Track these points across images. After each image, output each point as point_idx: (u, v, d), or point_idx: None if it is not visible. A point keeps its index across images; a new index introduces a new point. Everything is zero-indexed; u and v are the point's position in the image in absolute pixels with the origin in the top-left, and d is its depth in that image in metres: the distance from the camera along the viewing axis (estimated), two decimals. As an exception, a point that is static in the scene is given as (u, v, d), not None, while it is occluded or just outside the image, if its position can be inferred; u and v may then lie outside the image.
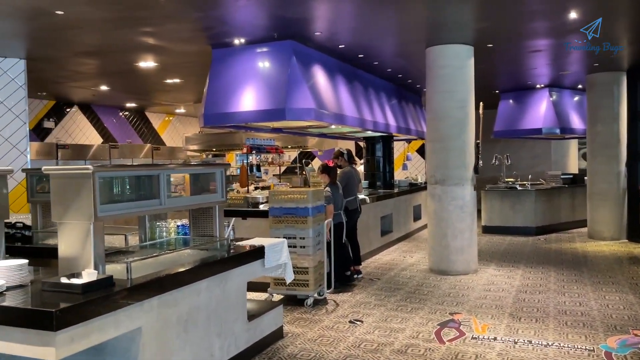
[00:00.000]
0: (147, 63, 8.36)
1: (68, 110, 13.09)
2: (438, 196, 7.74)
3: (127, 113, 14.68)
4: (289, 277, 4.97)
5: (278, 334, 4.90)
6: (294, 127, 8.91)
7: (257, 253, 4.52)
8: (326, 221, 6.35)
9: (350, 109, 8.35)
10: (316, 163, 17.26)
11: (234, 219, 4.72)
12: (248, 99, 6.97)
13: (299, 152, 16.97)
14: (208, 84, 7.24)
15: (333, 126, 8.63)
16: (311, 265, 5.94)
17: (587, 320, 5.32)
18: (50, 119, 12.67)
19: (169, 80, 10.05)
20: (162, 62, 8.34)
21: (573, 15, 6.17)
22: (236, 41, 6.98)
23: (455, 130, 7.60)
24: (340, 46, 7.52)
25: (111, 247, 4.48)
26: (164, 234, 4.68)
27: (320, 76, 7.57)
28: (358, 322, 5.40)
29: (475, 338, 4.90)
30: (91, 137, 13.58)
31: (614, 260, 8.48)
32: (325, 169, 6.96)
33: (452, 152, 7.61)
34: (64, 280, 3.06)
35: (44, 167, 3.31)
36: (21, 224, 5.14)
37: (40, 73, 8.89)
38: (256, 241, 4.79)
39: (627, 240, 10.08)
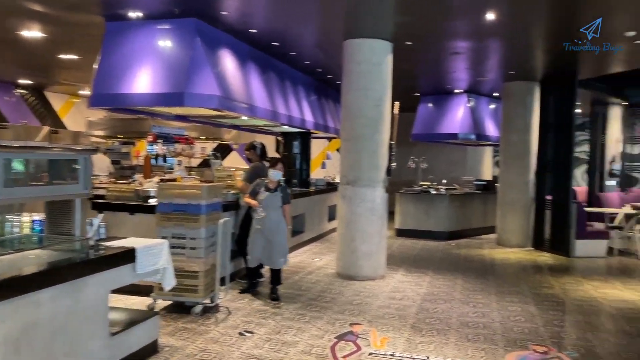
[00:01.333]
0: (33, 33, 7.35)
1: (-52, 82, 11.58)
2: (349, 197, 7.37)
3: (23, 91, 13.25)
4: (168, 284, 4.34)
5: (151, 349, 4.26)
6: (200, 116, 8.22)
7: (126, 256, 3.86)
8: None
9: (262, 100, 7.80)
10: (233, 157, 16.61)
11: (101, 214, 4.02)
12: (143, 81, 6.23)
13: (216, 144, 16.22)
14: (99, 61, 6.43)
15: (244, 117, 8.04)
16: (202, 269, 5.33)
17: (489, 334, 5.11)
18: None
19: (63, 56, 9.01)
20: (51, 33, 7.38)
21: (490, 16, 5.97)
22: (132, 14, 6.22)
23: (368, 130, 7.26)
24: (251, 30, 6.94)
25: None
26: (17, 229, 3.94)
27: (228, 61, 6.96)
28: (248, 334, 4.87)
29: (372, 354, 4.52)
30: (-23, 115, 12.11)
31: (520, 268, 8.53)
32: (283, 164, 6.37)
33: (365, 152, 7.26)
34: None
35: None
36: None
37: None
38: (129, 242, 4.12)
39: (532, 249, 10.25)
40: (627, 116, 13.56)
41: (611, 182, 13.00)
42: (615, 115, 13.20)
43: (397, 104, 7.93)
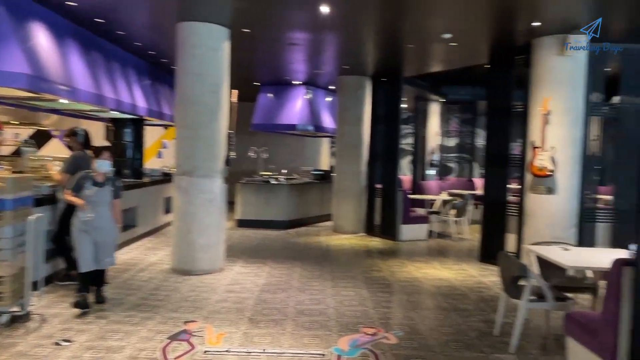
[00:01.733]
0: None
1: None
2: (184, 189, 7.03)
3: None
4: (-41, 294, 3.67)
5: (-64, 374, 3.57)
6: (8, 97, 7.14)
7: None
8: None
9: (85, 83, 7.05)
10: (54, 145, 14.93)
11: None
12: None
13: (34, 130, 14.46)
14: None
15: (64, 101, 7.18)
16: (8, 273, 4.62)
17: (323, 321, 5.24)
18: None
19: None
20: None
21: (325, 9, 6.09)
22: None
23: (205, 118, 6.98)
24: (69, 3, 6.20)
25: None
26: None
27: (42, 37, 6.14)
28: (66, 343, 4.35)
29: (207, 351, 4.33)
30: None
31: (353, 254, 8.97)
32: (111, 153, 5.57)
33: (202, 141, 6.98)
34: None
35: None
36: None
37: None
38: None
39: (365, 234, 10.88)
40: (444, 112, 15.10)
41: (431, 172, 14.40)
42: (434, 111, 14.62)
43: (235, 92, 7.76)
